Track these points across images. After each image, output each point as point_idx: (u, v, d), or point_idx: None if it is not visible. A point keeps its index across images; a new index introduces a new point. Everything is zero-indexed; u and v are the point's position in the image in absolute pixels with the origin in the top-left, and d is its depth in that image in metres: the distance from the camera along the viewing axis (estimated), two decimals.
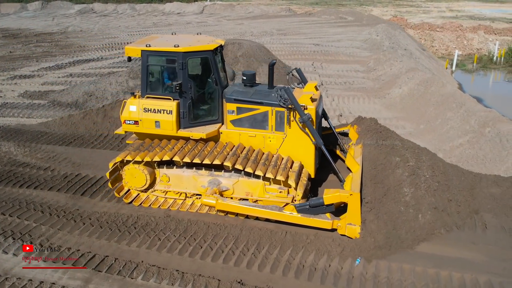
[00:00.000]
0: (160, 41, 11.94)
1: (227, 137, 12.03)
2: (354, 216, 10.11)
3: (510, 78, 35.41)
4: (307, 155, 11.73)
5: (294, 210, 10.58)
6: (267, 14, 59.03)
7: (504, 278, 8.97)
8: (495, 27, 51.94)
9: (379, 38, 35.96)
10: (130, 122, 11.85)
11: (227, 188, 11.36)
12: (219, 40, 12.26)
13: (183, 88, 11.34)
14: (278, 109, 11.45)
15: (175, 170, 11.71)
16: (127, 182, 11.85)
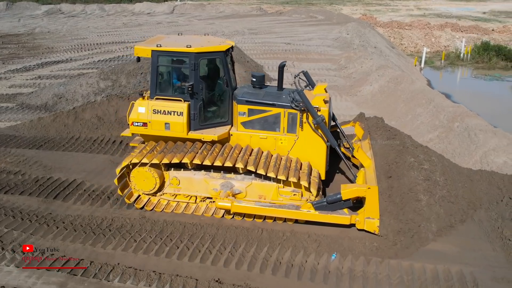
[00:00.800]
0: (169, 42, 11.63)
1: (237, 139, 11.83)
2: (373, 210, 10.15)
3: (477, 74, 36.31)
4: (319, 157, 11.66)
5: (311, 208, 10.52)
6: (238, 13, 59.09)
7: (475, 267, 9.25)
8: (461, 24, 53.21)
9: (350, 37, 36.40)
10: (139, 124, 11.45)
11: (240, 191, 11.10)
12: (230, 41, 12.04)
13: (195, 89, 11.06)
14: (291, 111, 11.34)
15: (186, 173, 11.44)
16: (135, 186, 11.51)
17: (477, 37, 46.98)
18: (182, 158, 10.94)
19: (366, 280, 8.97)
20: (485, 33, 49.04)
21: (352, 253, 9.76)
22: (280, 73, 12.08)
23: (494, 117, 21.98)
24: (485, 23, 55.98)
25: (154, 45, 11.15)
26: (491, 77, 35.35)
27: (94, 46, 34.88)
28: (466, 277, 8.96)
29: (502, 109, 26.46)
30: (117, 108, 16.85)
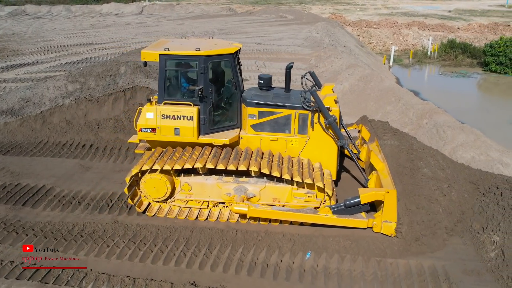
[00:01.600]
0: (175, 45, 11.40)
1: (247, 142, 11.70)
2: (390, 213, 10.17)
3: (444, 72, 37.08)
4: (330, 157, 11.67)
5: (329, 212, 10.52)
6: (208, 13, 58.88)
7: (446, 261, 9.49)
8: (428, 23, 54.25)
9: (319, 36, 36.68)
10: (147, 130, 11.19)
11: (254, 194, 10.98)
12: (237, 44, 11.87)
13: (204, 92, 10.88)
14: (302, 112, 11.30)
15: (198, 178, 11.23)
16: (145, 193, 11.26)
17: (443, 35, 47.99)
18: (195, 163, 10.74)
19: (340, 278, 9.06)
20: (451, 31, 50.13)
21: (326, 251, 9.83)
22: (287, 75, 12.03)
23: (461, 113, 22.48)
24: (450, 21, 57.22)
25: (162, 49, 10.91)
26: (457, 74, 36.14)
27: (61, 48, 34.17)
28: (438, 271, 9.17)
29: (469, 105, 27.10)
30: (86, 111, 16.56)
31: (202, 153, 11.15)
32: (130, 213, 11.34)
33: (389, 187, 10.27)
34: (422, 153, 11.93)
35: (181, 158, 10.98)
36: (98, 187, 12.71)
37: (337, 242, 10.06)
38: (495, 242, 9.67)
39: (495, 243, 9.68)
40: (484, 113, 25.36)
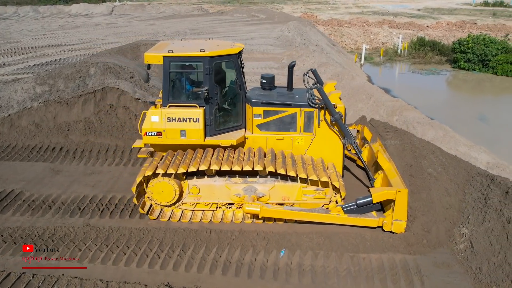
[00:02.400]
0: (178, 47, 11.19)
1: (253, 142, 11.58)
2: (401, 212, 10.22)
3: (414, 69, 37.72)
4: (336, 154, 11.65)
5: (340, 211, 10.52)
6: (179, 13, 58.55)
7: (417, 255, 9.69)
8: (398, 21, 55.10)
9: (291, 35, 36.86)
10: (152, 133, 10.93)
11: (263, 194, 10.87)
12: (240, 44, 11.70)
13: (210, 94, 10.74)
14: (307, 109, 11.25)
15: (206, 180, 11.08)
16: (153, 198, 11.02)
17: (413, 33, 48.85)
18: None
19: (314, 274, 9.13)
20: (420, 29, 51.05)
21: (300, 248, 9.89)
22: (290, 73, 11.99)
23: (431, 109, 22.92)
24: (420, 20, 58.24)
25: (166, 51, 10.71)
26: (427, 72, 36.82)
27: (29, 49, 33.47)
28: (409, 264, 9.34)
29: (438, 102, 27.65)
30: (56, 114, 16.25)
31: (216, 154, 11.02)
32: (102, 216, 11.19)
33: (399, 186, 10.35)
34: (423, 150, 12.07)
35: (192, 160, 10.83)
36: (69, 190, 12.49)
37: (310, 239, 10.12)
38: (464, 235, 9.89)
39: (464, 235, 9.90)
40: (453, 109, 25.91)
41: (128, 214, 11.21)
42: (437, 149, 12.35)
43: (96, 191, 12.39)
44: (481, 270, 9.04)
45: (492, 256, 9.18)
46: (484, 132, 21.74)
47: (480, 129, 22.12)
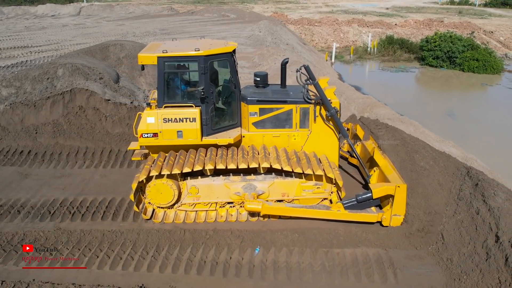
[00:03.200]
0: (172, 47, 11.07)
1: (249, 140, 11.61)
2: (400, 207, 10.44)
3: (384, 67, 38.24)
4: (332, 149, 11.75)
5: (341, 208, 10.60)
6: (148, 14, 57.94)
7: (390, 248, 9.87)
8: (367, 20, 55.79)
9: (262, 34, 36.91)
10: (148, 135, 10.78)
11: (263, 191, 10.91)
12: (233, 43, 11.63)
13: (206, 93, 10.69)
14: (303, 106, 11.31)
15: (205, 180, 11.03)
16: (151, 200, 10.90)
17: (382, 31, 49.50)
18: (216, 164, 10.54)
19: (290, 270, 9.18)
20: (389, 28, 51.77)
21: (274, 245, 9.93)
22: (283, 70, 11.98)
23: (401, 106, 23.25)
24: (388, 18, 59.09)
25: (160, 52, 10.59)
26: (396, 69, 37.38)
27: None
28: (382, 258, 9.49)
29: (408, 98, 28.09)
30: (23, 117, 15.86)
31: (210, 154, 10.97)
32: (73, 219, 10.99)
33: (397, 182, 10.52)
34: (415, 146, 12.26)
35: (188, 160, 10.73)
36: (38, 194, 12.23)
37: (284, 236, 10.17)
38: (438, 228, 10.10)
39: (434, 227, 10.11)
40: (422, 106, 26.36)
41: (100, 217, 11.04)
42: (426, 145, 12.63)
43: (67, 194, 12.16)
44: (451, 261, 9.25)
45: (462, 247, 9.41)
46: (452, 127, 22.20)
47: (448, 124, 22.57)
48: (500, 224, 9.33)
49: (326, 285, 8.87)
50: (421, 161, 11.59)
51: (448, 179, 11.07)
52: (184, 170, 10.43)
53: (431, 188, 10.85)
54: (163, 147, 11.22)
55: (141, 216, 10.96)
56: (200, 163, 10.52)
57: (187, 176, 11.01)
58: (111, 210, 11.31)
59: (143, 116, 10.87)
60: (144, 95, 20.11)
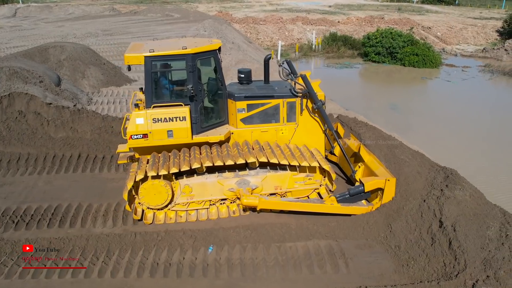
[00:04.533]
0: (156, 46, 10.82)
1: (238, 137, 11.60)
2: (389, 199, 10.82)
3: (329, 63, 38.99)
4: (318, 141, 11.99)
5: (334, 201, 10.77)
6: (89, 14, 56.39)
7: (340, 239, 10.07)
8: (311, 18, 56.68)
9: (207, 33, 36.72)
10: (138, 136, 10.55)
11: (257, 186, 10.93)
12: (217, 40, 11.57)
13: (195, 91, 10.54)
14: (289, 100, 11.45)
15: (198, 178, 10.91)
16: (144, 202, 10.65)
17: (326, 29, 50.46)
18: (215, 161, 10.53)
19: (244, 267, 9.20)
20: (332, 25, 52.83)
21: (228, 243, 9.91)
22: (266, 66, 12.11)
23: (346, 101, 23.78)
24: (331, 16, 60.29)
25: (147, 51, 10.31)
26: (341, 65, 38.23)
27: None
28: (334, 249, 9.69)
29: (353, 93, 28.78)
30: None
31: (205, 152, 10.94)
32: (17, 229, 10.53)
33: (386, 175, 10.88)
34: (394, 142, 12.77)
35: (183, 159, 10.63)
36: None
37: (237, 233, 10.17)
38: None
39: (382, 217, 10.42)
40: (366, 100, 27.09)
41: (46, 224, 10.65)
42: (400, 143, 13.21)
43: (9, 203, 11.62)
44: (399, 247, 9.57)
45: (409, 233, 9.75)
46: (396, 120, 22.93)
47: (392, 118, 23.29)
48: (443, 210, 9.74)
49: (280, 278, 8.95)
50: (401, 155, 12.07)
51: (425, 170, 11.50)
52: (183, 168, 10.37)
53: (412, 176, 11.23)
54: (154, 148, 11.07)
55: (89, 222, 10.67)
56: (198, 160, 10.55)
57: (179, 176, 10.91)
58: (57, 217, 10.91)
59: (131, 117, 10.67)
60: (87, 97, 19.58)
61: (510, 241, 8.84)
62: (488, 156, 18.43)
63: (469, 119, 23.62)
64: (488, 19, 62.43)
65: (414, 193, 10.74)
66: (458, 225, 9.36)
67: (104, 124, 15.26)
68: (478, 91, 30.98)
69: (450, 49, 46.50)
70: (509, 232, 9.13)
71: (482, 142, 20.06)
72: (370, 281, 8.87)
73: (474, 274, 8.40)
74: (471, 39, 52.35)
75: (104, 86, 21.85)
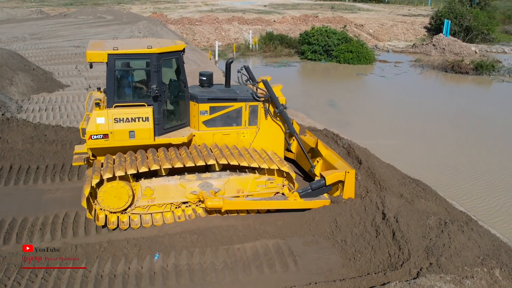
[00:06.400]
0: (120, 44, 10.45)
1: (200, 139, 11.44)
2: (350, 191, 11.15)
3: (267, 63, 39.24)
4: (278, 145, 12.15)
5: (297, 196, 10.87)
6: (15, 17, 53.62)
7: (287, 238, 10.11)
8: (247, 17, 56.87)
9: (142, 35, 35.99)
10: (98, 136, 10.04)
11: (219, 189, 10.78)
12: (180, 41, 11.38)
13: (158, 91, 10.16)
14: (252, 103, 11.51)
15: (160, 181, 10.54)
16: (104, 205, 10.17)
17: (262, 28, 50.77)
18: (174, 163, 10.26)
19: (192, 272, 9.01)
20: (268, 24, 53.24)
21: (174, 249, 9.67)
22: (227, 70, 11.99)
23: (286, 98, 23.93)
24: (267, 15, 60.77)
25: (110, 49, 9.78)
26: (279, 64, 38.58)
27: None
28: (282, 247, 9.70)
29: (292, 91, 28.98)
30: None
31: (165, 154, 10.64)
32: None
33: (345, 168, 11.12)
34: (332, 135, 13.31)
35: (144, 161, 10.20)
36: None
37: (183, 238, 9.95)
38: None
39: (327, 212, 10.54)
40: (305, 98, 27.42)
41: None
42: None
43: None
44: (346, 241, 9.72)
45: (354, 227, 9.91)
46: (334, 116, 23.36)
47: (330, 114, 23.72)
48: (385, 203, 9.96)
49: (230, 282, 8.83)
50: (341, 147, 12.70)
51: None
52: (141, 170, 9.98)
53: None
54: (114, 149, 10.63)
55: (25, 237, 10.04)
56: (157, 162, 10.21)
57: (140, 178, 10.51)
58: None
59: (91, 116, 10.17)
60: (17, 105, 18.56)
61: (448, 228, 9.18)
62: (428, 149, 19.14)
63: (404, 112, 24.51)
64: (416, 16, 65.26)
65: None
66: (400, 216, 9.63)
67: (37, 133, 14.51)
68: (410, 85, 32.30)
69: (382, 45, 48.14)
70: (447, 219, 9.48)
71: (419, 133, 20.82)
72: (320, 277, 8.93)
73: (418, 263, 8.66)
74: (401, 36, 54.47)
75: (34, 92, 20.77)
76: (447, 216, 10.01)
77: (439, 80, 34.79)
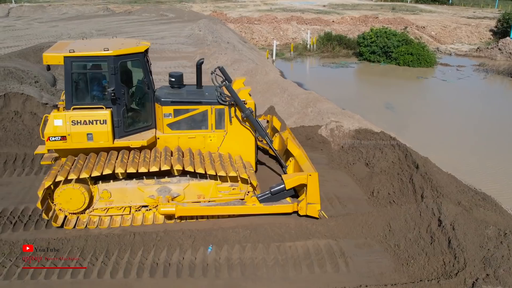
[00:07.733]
0: (80, 46, 10.53)
1: (165, 142, 11.31)
2: (314, 196, 10.54)
3: (324, 63, 39.01)
4: (248, 149, 11.81)
5: (256, 201, 10.62)
6: (83, 14, 56.05)
7: (339, 239, 10.10)
8: (305, 17, 56.71)
9: (202, 33, 36.70)
10: (56, 138, 10.27)
11: (178, 194, 10.74)
12: (145, 42, 11.26)
13: (116, 94, 10.27)
14: (218, 107, 11.23)
15: (117, 184, 10.64)
16: (61, 206, 10.41)
17: (320, 28, 50.49)
18: (115, 168, 10.21)
19: (243, 267, 9.20)
20: (327, 25, 52.88)
21: (227, 243, 9.90)
22: (198, 71, 11.88)
23: (343, 100, 23.79)
24: (326, 15, 60.33)
25: (66, 51, 10.06)
26: (336, 65, 38.24)
27: None
28: (333, 248, 9.70)
29: (348, 92, 28.81)
30: None
31: (121, 157, 10.63)
32: (15, 230, 10.47)
33: (309, 170, 10.65)
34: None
35: (99, 164, 10.35)
36: None
37: (236, 233, 10.15)
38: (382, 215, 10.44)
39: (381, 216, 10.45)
40: (362, 99, 27.12)
41: (44, 225, 10.60)
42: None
43: (6, 203, 11.54)
44: (399, 246, 9.60)
45: (408, 232, 9.78)
46: (391, 119, 22.97)
47: (387, 117, 23.33)
48: (442, 209, 9.77)
49: (280, 278, 8.96)
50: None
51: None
52: (93, 174, 10.10)
53: None
54: (73, 151, 10.80)
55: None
56: (110, 166, 10.25)
57: (98, 180, 10.67)
58: None
59: (50, 118, 10.43)
60: None
61: (508, 239, 8.91)
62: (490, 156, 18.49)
63: (468, 119, 23.73)
64: (481, 19, 62.73)
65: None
66: (456, 224, 9.42)
67: None
68: (474, 90, 31.12)
69: (444, 48, 46.65)
70: (507, 230, 9.19)
71: (483, 142, 20.12)
72: (370, 280, 8.89)
73: (474, 273, 8.45)
74: (465, 38, 52.58)
75: None
76: (507, 227, 9.69)
77: (504, 86, 33.35)
